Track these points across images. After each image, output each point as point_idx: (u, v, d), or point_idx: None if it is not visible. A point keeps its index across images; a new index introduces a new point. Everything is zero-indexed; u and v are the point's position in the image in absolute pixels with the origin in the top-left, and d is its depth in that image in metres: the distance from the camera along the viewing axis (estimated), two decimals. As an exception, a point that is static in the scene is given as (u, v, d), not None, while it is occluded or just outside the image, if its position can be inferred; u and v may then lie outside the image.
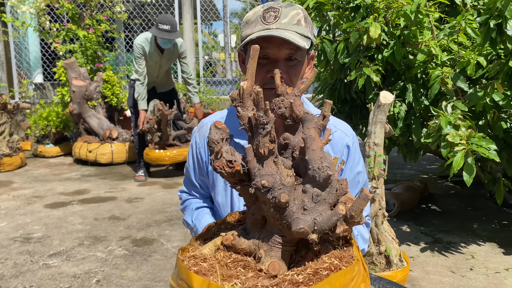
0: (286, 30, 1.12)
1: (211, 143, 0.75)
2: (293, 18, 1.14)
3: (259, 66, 1.16)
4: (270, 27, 1.13)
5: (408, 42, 2.87)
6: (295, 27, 1.14)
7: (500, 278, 2.65)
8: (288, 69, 1.17)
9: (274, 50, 1.14)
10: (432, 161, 6.13)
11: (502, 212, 3.87)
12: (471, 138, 2.29)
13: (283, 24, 1.13)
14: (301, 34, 1.14)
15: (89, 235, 3.38)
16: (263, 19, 1.15)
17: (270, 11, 1.15)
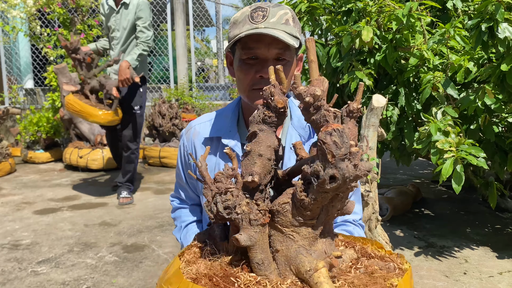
0: (275, 29, 1.11)
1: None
2: (281, 18, 1.13)
3: (247, 67, 1.15)
4: (258, 26, 1.11)
5: (400, 46, 2.87)
6: (284, 26, 1.13)
7: (493, 282, 2.64)
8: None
9: (263, 50, 1.13)
10: (424, 166, 6.14)
11: (495, 216, 3.87)
12: (460, 145, 2.28)
13: (272, 23, 1.12)
14: (290, 33, 1.13)
15: (79, 241, 3.33)
16: (251, 18, 1.13)
17: (258, 11, 1.13)
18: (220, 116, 1.33)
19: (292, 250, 0.70)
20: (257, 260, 0.69)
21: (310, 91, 0.66)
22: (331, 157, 0.60)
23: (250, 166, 0.75)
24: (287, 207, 0.70)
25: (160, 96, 8.08)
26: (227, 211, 0.70)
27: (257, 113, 0.76)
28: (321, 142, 0.61)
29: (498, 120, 2.84)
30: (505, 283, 2.62)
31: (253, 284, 0.66)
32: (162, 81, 8.95)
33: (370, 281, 0.69)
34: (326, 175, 0.61)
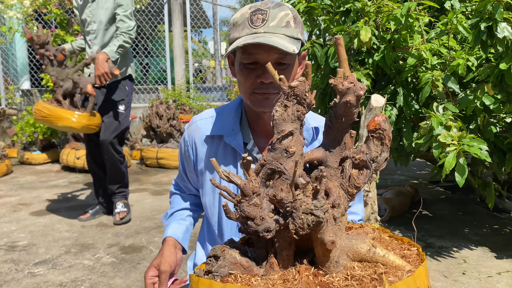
0: (274, 34, 1.08)
1: None
2: (281, 20, 1.10)
3: (248, 71, 1.14)
4: (258, 31, 1.09)
5: (398, 46, 2.87)
6: (284, 29, 1.10)
7: (492, 282, 2.63)
8: (278, 73, 1.14)
9: (263, 55, 1.11)
10: (422, 167, 6.15)
11: (492, 217, 3.87)
12: (462, 138, 2.28)
13: (271, 28, 1.09)
14: (291, 36, 1.11)
15: (76, 242, 3.31)
16: (250, 22, 1.11)
17: (258, 14, 1.10)
18: (222, 113, 1.32)
19: (343, 239, 0.72)
20: (336, 259, 0.69)
21: (360, 85, 0.68)
22: (388, 141, 0.68)
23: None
24: (342, 198, 0.71)
25: (157, 97, 8.07)
26: (326, 214, 0.67)
27: (289, 111, 0.74)
28: (383, 129, 0.68)
29: (496, 120, 2.84)
30: (504, 283, 2.61)
31: (344, 282, 0.66)
32: (160, 82, 8.93)
33: (396, 245, 0.78)
34: (383, 158, 0.69)
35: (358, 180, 0.70)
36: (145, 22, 9.66)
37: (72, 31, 6.71)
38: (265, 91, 1.13)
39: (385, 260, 0.68)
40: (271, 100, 1.15)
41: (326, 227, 0.67)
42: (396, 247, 0.76)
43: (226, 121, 1.28)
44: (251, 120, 1.28)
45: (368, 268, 0.68)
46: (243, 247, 0.80)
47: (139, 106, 8.17)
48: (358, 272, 0.67)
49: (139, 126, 7.87)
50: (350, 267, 0.69)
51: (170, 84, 8.50)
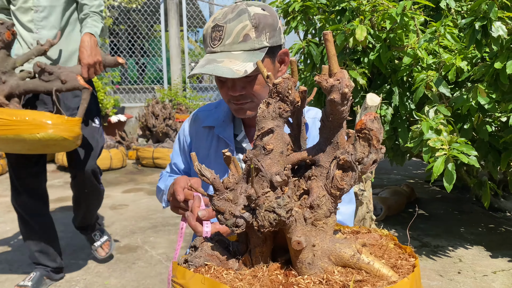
0: (229, 53, 1.09)
1: None
2: (238, 36, 1.09)
3: (220, 84, 1.19)
4: (215, 51, 1.11)
5: (394, 45, 2.87)
6: (242, 45, 1.09)
7: (488, 281, 2.64)
8: (246, 84, 1.15)
9: None
10: (418, 166, 6.16)
11: (488, 216, 3.88)
12: (452, 143, 2.28)
13: (227, 46, 1.10)
14: (250, 49, 1.10)
15: (71, 242, 3.29)
16: (210, 40, 1.13)
17: (215, 31, 1.11)
18: (220, 106, 1.37)
19: (327, 241, 0.70)
20: (308, 261, 0.68)
21: (346, 82, 0.65)
22: (376, 142, 0.64)
23: (274, 165, 0.72)
24: (324, 199, 0.69)
25: (153, 96, 8.05)
26: (289, 214, 0.67)
27: (271, 108, 0.73)
28: (369, 129, 0.64)
29: (491, 119, 2.84)
30: (499, 282, 2.62)
31: (313, 286, 0.65)
32: (156, 81, 8.92)
33: (382, 250, 0.74)
34: (371, 160, 0.65)
35: (341, 181, 0.67)
36: (141, 21, 9.64)
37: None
38: (237, 102, 1.17)
39: (369, 267, 0.66)
40: (246, 109, 1.19)
41: (295, 227, 0.67)
42: (393, 255, 0.73)
43: (219, 113, 1.33)
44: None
45: (349, 275, 0.66)
46: (227, 240, 0.82)
47: (135, 106, 8.15)
48: (337, 277, 0.65)
49: (135, 125, 7.86)
50: (330, 271, 0.67)
51: (166, 84, 8.48)
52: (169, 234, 3.45)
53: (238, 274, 0.70)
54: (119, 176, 5.80)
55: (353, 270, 0.67)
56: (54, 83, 2.11)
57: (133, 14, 9.56)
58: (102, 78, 7.31)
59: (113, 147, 6.18)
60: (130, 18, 9.55)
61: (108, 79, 7.59)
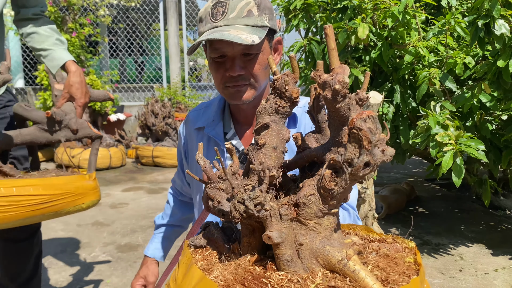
0: (234, 26, 1.08)
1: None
2: (241, 10, 1.09)
3: (217, 65, 1.15)
4: (218, 25, 1.09)
5: (395, 43, 2.86)
6: (246, 19, 1.09)
7: (489, 279, 2.64)
8: (246, 64, 1.13)
9: (228, 48, 1.10)
10: (418, 165, 6.16)
11: (488, 214, 3.88)
12: (459, 138, 2.28)
13: (231, 19, 1.08)
14: (253, 25, 1.10)
15: (71, 241, 3.28)
16: (211, 16, 1.11)
17: (218, 7, 1.10)
18: (210, 105, 1.36)
19: (317, 242, 0.68)
20: (286, 257, 0.67)
21: (338, 78, 0.62)
22: (367, 144, 0.60)
23: (266, 160, 0.72)
24: (313, 198, 0.68)
25: (152, 95, 8.03)
26: (258, 208, 0.67)
27: (268, 103, 0.73)
28: (358, 129, 0.60)
29: (493, 117, 2.84)
30: (501, 280, 2.62)
31: (286, 283, 0.64)
32: (155, 80, 8.90)
33: (391, 262, 0.69)
34: (361, 162, 0.61)
35: (329, 182, 0.65)
36: (140, 20, 9.61)
37: (66, 29, 6.66)
38: (235, 84, 1.14)
39: (354, 276, 0.63)
40: (243, 92, 1.15)
41: (270, 221, 0.67)
42: (398, 270, 0.68)
43: (209, 113, 1.32)
44: (233, 109, 1.29)
45: (332, 280, 0.64)
46: (235, 228, 0.84)
47: (134, 105, 8.13)
48: (318, 280, 0.63)
49: (134, 124, 7.84)
50: (314, 273, 0.66)
51: (166, 83, 8.47)
52: (170, 232, 3.45)
53: (224, 260, 0.72)
54: (118, 174, 5.78)
55: (340, 277, 0.65)
56: (62, 133, 1.69)
57: (132, 13, 9.53)
58: (101, 76, 7.29)
59: (113, 145, 6.17)
60: (129, 17, 9.53)
61: (107, 78, 7.57)
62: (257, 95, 1.18)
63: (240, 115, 1.28)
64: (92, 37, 7.12)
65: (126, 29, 8.97)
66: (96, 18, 7.14)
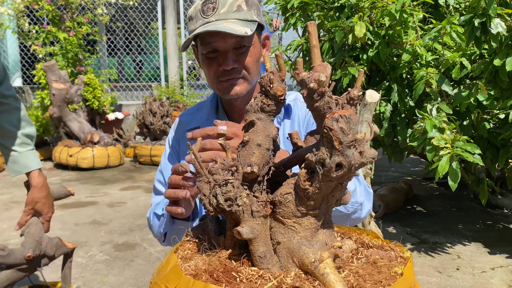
0: (226, 20, 1.10)
1: None
2: (231, 6, 1.12)
3: (209, 61, 1.16)
4: (209, 20, 1.11)
5: (393, 41, 2.86)
6: (236, 14, 1.12)
7: (486, 278, 2.64)
8: (238, 57, 1.15)
9: (220, 42, 1.12)
10: (416, 163, 6.17)
11: (486, 213, 3.89)
12: (456, 141, 2.28)
13: (222, 14, 1.11)
14: (244, 19, 1.12)
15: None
16: (202, 13, 1.13)
17: (208, 3, 1.12)
18: (202, 107, 1.36)
19: (294, 241, 0.67)
20: (259, 254, 0.67)
21: (314, 76, 0.62)
22: (338, 144, 0.58)
23: (249, 157, 0.72)
24: (290, 197, 0.67)
25: (151, 94, 8.03)
26: (228, 203, 0.67)
27: (255, 101, 0.74)
28: (328, 128, 0.58)
29: (490, 116, 2.85)
30: (498, 278, 2.63)
31: (256, 278, 0.64)
32: (153, 79, 8.89)
33: (374, 270, 0.67)
34: (333, 162, 0.59)
35: (303, 182, 0.64)
36: (138, 19, 9.60)
37: (64, 27, 6.65)
38: (228, 78, 1.16)
39: (322, 279, 0.62)
40: (237, 85, 1.17)
41: (243, 217, 0.67)
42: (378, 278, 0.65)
43: (203, 114, 1.32)
44: (227, 107, 1.30)
45: (302, 281, 0.63)
46: None
47: (132, 104, 8.12)
48: (288, 281, 0.63)
49: (133, 123, 7.83)
50: (287, 272, 0.65)
51: (164, 81, 8.46)
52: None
53: (208, 251, 0.74)
54: (116, 173, 5.78)
55: (311, 279, 0.64)
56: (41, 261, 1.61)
57: (130, 12, 9.52)
58: (99, 75, 7.28)
59: (111, 144, 6.16)
60: (127, 16, 9.51)
61: (105, 77, 7.56)
62: (250, 89, 1.20)
63: (234, 111, 1.28)
64: (90, 35, 7.11)
65: (124, 27, 8.97)
66: (94, 17, 7.13)
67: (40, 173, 1.63)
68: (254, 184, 0.72)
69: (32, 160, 1.61)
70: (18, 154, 1.57)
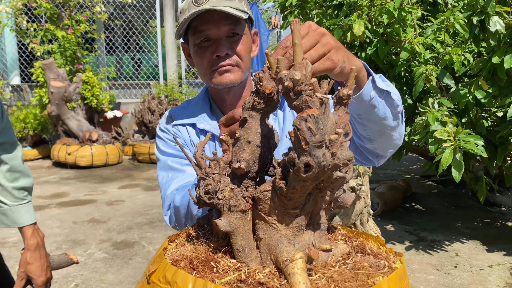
0: (220, 6, 1.10)
1: None
2: None
3: (202, 50, 1.16)
4: (203, 8, 1.10)
5: (391, 39, 2.86)
6: (228, 2, 1.12)
7: (484, 275, 2.65)
8: (232, 45, 1.15)
9: (214, 29, 1.12)
10: (414, 161, 6.17)
11: (484, 210, 3.90)
12: (458, 134, 2.28)
13: (215, 2, 1.11)
14: (236, 8, 1.12)
15: (67, 238, 3.28)
16: (194, 2, 1.12)
17: None
18: (190, 105, 1.34)
19: (274, 239, 0.68)
20: (237, 247, 0.69)
21: (290, 75, 0.62)
22: (304, 144, 0.57)
23: (239, 153, 0.73)
24: (268, 194, 0.68)
25: (149, 92, 8.02)
26: (207, 196, 0.69)
27: (248, 99, 0.74)
28: (295, 128, 0.58)
29: (488, 114, 2.85)
30: (496, 276, 2.63)
31: (232, 270, 0.65)
32: (152, 77, 8.88)
33: (352, 277, 0.66)
34: (301, 162, 0.58)
35: (279, 181, 0.64)
36: (136, 17, 9.58)
37: (62, 25, 6.63)
38: (223, 64, 1.15)
39: (289, 278, 0.63)
40: (231, 73, 1.16)
41: (223, 210, 0.69)
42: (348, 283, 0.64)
43: (194, 111, 1.30)
44: (219, 103, 1.29)
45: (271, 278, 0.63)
46: None
47: (131, 102, 8.11)
48: (260, 276, 0.63)
49: (131, 121, 7.82)
50: (262, 269, 0.66)
51: (162, 79, 8.45)
52: (166, 229, 3.45)
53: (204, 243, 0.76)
54: (115, 172, 5.78)
55: (281, 278, 0.64)
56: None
57: (129, 9, 9.49)
58: (98, 73, 7.27)
59: (109, 143, 6.15)
60: (126, 13, 9.49)
61: (103, 75, 7.54)
62: (243, 79, 1.19)
63: (226, 105, 1.27)
64: (89, 33, 7.10)
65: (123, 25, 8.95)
66: (92, 15, 7.11)
67: (34, 232, 1.42)
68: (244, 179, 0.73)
69: (23, 215, 1.41)
70: (8, 208, 1.39)
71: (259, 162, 0.74)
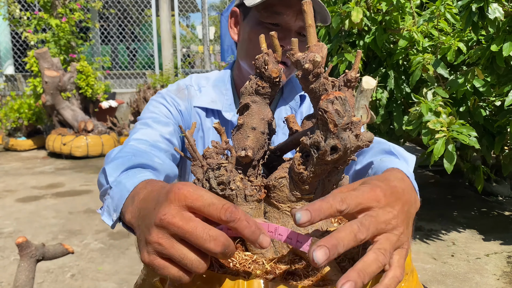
0: None
1: None
2: None
3: (267, 31, 1.00)
4: None
5: (389, 27, 2.83)
6: None
7: (481, 264, 2.66)
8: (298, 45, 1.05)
9: (290, 18, 0.98)
10: (411, 151, 6.14)
11: (481, 200, 3.90)
12: (451, 125, 2.27)
13: None
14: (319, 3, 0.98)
15: (63, 229, 3.26)
16: None
17: None
18: (217, 88, 1.16)
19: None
20: None
21: (310, 57, 0.60)
22: (333, 127, 0.55)
23: (243, 140, 0.70)
24: (284, 181, 0.66)
25: (145, 82, 7.95)
26: (221, 187, 0.65)
27: (249, 83, 0.71)
28: (323, 110, 0.55)
29: (486, 103, 2.83)
30: (492, 265, 2.64)
31: (249, 263, 0.62)
32: (147, 67, 8.80)
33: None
34: (328, 145, 0.56)
35: (298, 166, 0.62)
36: (131, 5, 9.47)
37: (56, 14, 6.54)
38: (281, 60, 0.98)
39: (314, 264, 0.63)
40: (286, 71, 1.05)
41: (236, 201, 0.66)
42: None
43: (220, 95, 1.14)
44: (239, 94, 1.14)
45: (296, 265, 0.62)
46: None
47: (126, 92, 8.05)
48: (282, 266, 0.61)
49: (127, 111, 7.77)
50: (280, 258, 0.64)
51: (158, 69, 8.38)
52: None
53: None
54: (111, 162, 5.75)
55: (305, 263, 0.62)
56: None
57: (123, -2, 9.38)
58: (93, 63, 7.20)
59: (105, 133, 6.11)
60: (120, 2, 9.38)
61: (98, 64, 7.47)
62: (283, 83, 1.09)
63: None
64: (83, 22, 7.01)
65: (118, 14, 8.85)
66: (87, 3, 7.02)
67: None
68: (248, 168, 0.70)
69: None
70: None
71: (261, 150, 0.72)
